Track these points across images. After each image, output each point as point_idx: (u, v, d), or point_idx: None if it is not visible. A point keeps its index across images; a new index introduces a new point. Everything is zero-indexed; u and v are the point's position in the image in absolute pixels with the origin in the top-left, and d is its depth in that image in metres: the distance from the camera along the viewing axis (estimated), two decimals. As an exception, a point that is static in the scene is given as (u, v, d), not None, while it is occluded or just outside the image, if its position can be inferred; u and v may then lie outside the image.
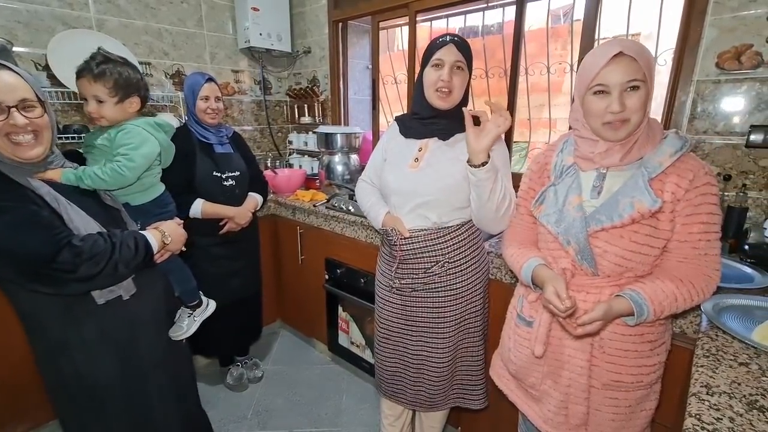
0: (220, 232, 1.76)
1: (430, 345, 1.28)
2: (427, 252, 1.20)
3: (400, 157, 1.25)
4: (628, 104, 0.82)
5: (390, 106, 2.61)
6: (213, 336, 1.84)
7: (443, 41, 1.13)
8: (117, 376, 1.05)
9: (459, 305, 1.24)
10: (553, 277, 0.90)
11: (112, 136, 1.17)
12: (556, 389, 0.98)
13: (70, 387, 1.01)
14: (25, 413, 1.65)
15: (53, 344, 0.98)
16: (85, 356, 1.00)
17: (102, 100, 1.12)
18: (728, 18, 1.30)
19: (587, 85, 0.86)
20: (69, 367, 0.99)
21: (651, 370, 0.92)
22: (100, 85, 1.11)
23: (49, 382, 1.03)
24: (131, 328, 1.07)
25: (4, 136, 0.88)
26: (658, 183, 0.85)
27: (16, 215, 0.84)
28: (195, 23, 2.39)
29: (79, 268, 0.88)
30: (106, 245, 0.93)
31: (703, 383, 0.70)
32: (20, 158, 0.91)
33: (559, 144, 1.03)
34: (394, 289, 1.29)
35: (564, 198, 0.94)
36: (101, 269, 0.92)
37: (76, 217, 0.94)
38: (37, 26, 1.87)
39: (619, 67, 0.81)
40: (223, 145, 1.77)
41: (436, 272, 1.21)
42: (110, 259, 0.93)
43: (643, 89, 0.82)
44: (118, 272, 0.96)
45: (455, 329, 1.26)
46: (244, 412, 1.91)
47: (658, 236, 0.85)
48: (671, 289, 0.84)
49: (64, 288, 0.91)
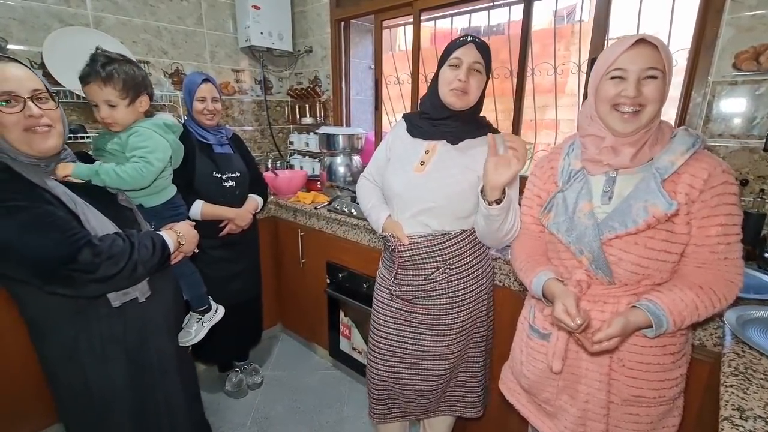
0: (220, 234, 1.72)
1: (427, 353, 1.23)
2: (427, 258, 1.16)
3: (404, 157, 1.20)
4: (644, 92, 0.79)
5: (393, 106, 2.57)
6: (213, 341, 1.79)
7: (463, 41, 1.08)
8: (126, 383, 1.02)
9: (464, 313, 1.19)
10: (563, 293, 0.86)
11: (123, 140, 1.14)
12: (573, 405, 0.93)
13: (78, 393, 0.98)
14: (24, 417, 1.61)
15: (62, 349, 0.95)
16: (95, 361, 0.97)
17: (114, 104, 1.09)
18: (746, 17, 1.26)
19: (604, 71, 0.83)
20: (78, 373, 0.96)
21: (673, 384, 0.88)
22: (110, 89, 1.07)
23: (56, 388, 1.00)
24: (143, 333, 1.04)
25: (22, 130, 0.85)
26: (670, 184, 0.81)
27: (31, 215, 0.82)
28: (195, 21, 2.35)
29: (99, 268, 0.87)
30: (125, 245, 0.92)
31: (734, 406, 0.66)
32: (37, 150, 0.89)
33: (565, 147, 0.98)
34: (394, 296, 1.24)
35: (574, 205, 0.89)
36: (120, 269, 0.90)
37: (93, 218, 0.93)
38: (32, 23, 1.82)
39: (639, 53, 0.79)
40: (222, 146, 1.74)
41: (436, 279, 1.16)
42: (129, 259, 0.92)
43: (660, 80, 0.78)
44: (137, 272, 0.95)
45: (459, 338, 1.21)
46: (243, 419, 1.86)
47: (674, 241, 0.81)
48: (691, 298, 0.80)
49: (84, 289, 0.88)
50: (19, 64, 0.88)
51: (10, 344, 1.51)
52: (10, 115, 0.83)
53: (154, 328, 1.07)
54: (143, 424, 1.07)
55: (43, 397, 1.54)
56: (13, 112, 0.84)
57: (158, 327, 1.08)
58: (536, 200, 1.02)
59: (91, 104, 1.11)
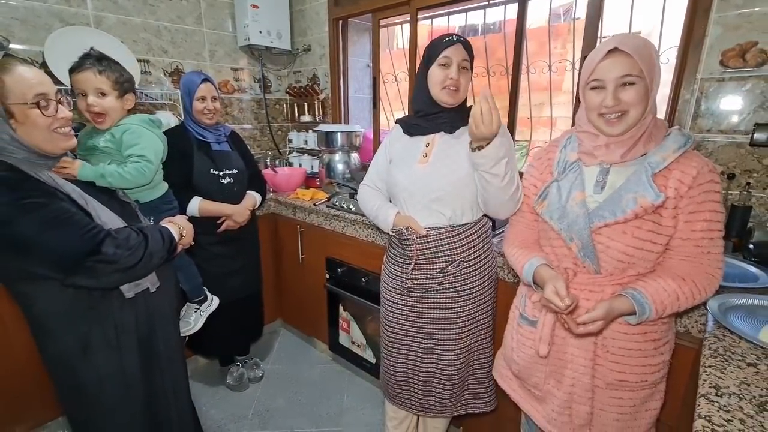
0: (218, 230, 1.75)
1: (442, 348, 1.26)
2: (442, 251, 1.19)
3: (407, 155, 1.24)
4: (623, 98, 0.83)
5: (390, 104, 2.60)
6: (214, 335, 1.83)
7: (450, 41, 1.12)
8: (139, 372, 1.06)
9: (472, 305, 1.23)
10: (554, 276, 0.90)
11: (117, 137, 1.17)
12: (560, 389, 0.97)
13: (91, 386, 1.00)
14: (25, 413, 1.64)
15: (75, 344, 0.96)
16: (110, 353, 1.00)
17: (105, 93, 1.14)
18: (733, 15, 1.29)
19: (585, 81, 0.88)
20: (91, 366, 0.99)
21: (655, 369, 0.92)
22: (104, 78, 1.13)
23: (63, 385, 1.01)
24: (151, 322, 1.08)
25: (50, 131, 0.89)
26: (661, 179, 0.84)
27: (50, 211, 0.85)
28: (194, 20, 2.37)
29: (121, 259, 0.91)
30: (139, 237, 0.97)
31: (711, 384, 0.69)
32: (60, 149, 0.93)
33: (563, 140, 1.02)
34: (405, 290, 1.26)
35: (567, 194, 0.93)
36: (139, 259, 0.95)
37: (103, 214, 0.96)
38: (34, 23, 1.84)
39: (613, 62, 0.82)
40: (220, 144, 1.76)
41: (451, 272, 1.20)
42: (146, 249, 0.97)
43: (639, 84, 0.82)
44: (152, 262, 1.00)
45: (468, 331, 1.25)
46: (245, 411, 1.90)
47: (660, 232, 0.85)
48: (673, 288, 0.84)
49: (107, 279, 0.92)
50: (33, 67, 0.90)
51: (10, 341, 1.53)
52: (45, 118, 0.87)
53: (161, 318, 1.10)
54: (154, 411, 1.11)
55: (44, 393, 1.57)
56: (50, 115, 0.88)
57: (165, 317, 1.12)
58: (532, 189, 1.06)
59: (77, 93, 1.14)
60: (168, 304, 1.15)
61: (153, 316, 1.08)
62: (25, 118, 0.85)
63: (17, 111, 0.84)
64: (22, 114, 0.84)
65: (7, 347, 1.54)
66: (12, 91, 0.83)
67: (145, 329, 1.06)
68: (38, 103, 0.86)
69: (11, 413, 1.60)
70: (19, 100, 0.84)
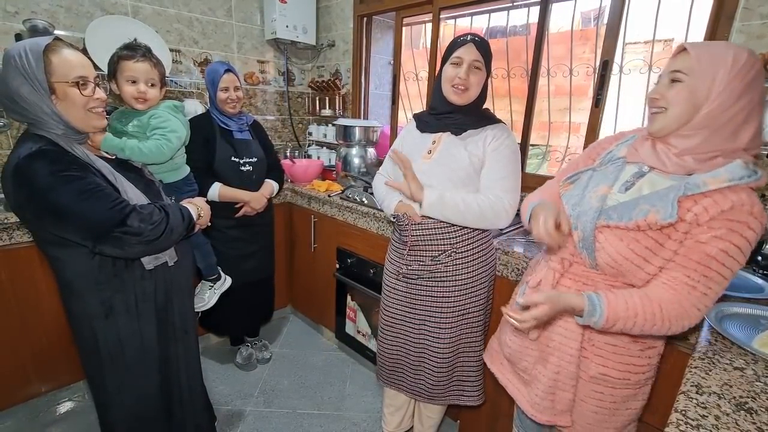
0: (236, 215, 1.83)
1: (432, 335, 1.31)
2: (436, 239, 1.24)
3: (415, 150, 1.29)
4: (666, 94, 0.80)
5: (410, 102, 2.63)
6: (226, 315, 1.92)
7: (463, 40, 1.16)
8: (154, 338, 1.14)
9: (462, 296, 1.27)
10: (547, 206, 0.91)
11: (144, 122, 1.27)
12: (546, 375, 1.00)
13: (112, 348, 1.08)
14: (51, 374, 1.76)
15: (99, 309, 1.05)
16: (129, 319, 1.08)
17: (154, 84, 1.26)
18: (757, 24, 1.27)
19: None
20: (113, 330, 1.07)
21: (639, 371, 0.92)
22: (157, 71, 1.26)
23: (86, 344, 1.09)
24: (169, 293, 1.16)
25: (86, 110, 0.98)
26: (690, 201, 0.77)
27: (85, 183, 0.93)
28: (224, 13, 2.47)
29: (144, 231, 0.98)
30: (161, 214, 1.05)
31: (694, 383, 0.71)
32: (92, 128, 1.02)
33: (626, 135, 1.00)
34: (401, 275, 1.32)
35: (595, 185, 0.92)
36: (161, 233, 1.02)
37: (129, 190, 1.05)
38: (77, 11, 1.97)
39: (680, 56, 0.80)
40: (242, 132, 1.84)
41: (442, 260, 1.25)
42: (167, 225, 1.04)
43: (688, 84, 0.77)
44: (172, 237, 1.08)
45: (457, 321, 1.29)
46: (251, 390, 1.98)
47: (657, 253, 0.80)
48: (634, 303, 0.79)
49: (131, 249, 1.00)
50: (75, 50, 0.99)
51: (43, 307, 1.65)
52: (82, 97, 0.96)
53: (178, 291, 1.18)
54: (167, 376, 1.20)
55: (69, 354, 1.69)
56: (88, 95, 0.97)
57: (181, 290, 1.20)
58: (570, 170, 1.05)
59: (127, 79, 1.22)
60: (185, 279, 1.23)
61: (170, 288, 1.16)
62: (64, 96, 0.94)
63: (59, 88, 0.93)
64: (63, 91, 0.93)
65: (38, 312, 1.65)
66: (56, 70, 0.92)
67: (163, 300, 1.14)
68: (78, 83, 0.95)
69: (39, 373, 1.72)
70: (62, 78, 0.92)
